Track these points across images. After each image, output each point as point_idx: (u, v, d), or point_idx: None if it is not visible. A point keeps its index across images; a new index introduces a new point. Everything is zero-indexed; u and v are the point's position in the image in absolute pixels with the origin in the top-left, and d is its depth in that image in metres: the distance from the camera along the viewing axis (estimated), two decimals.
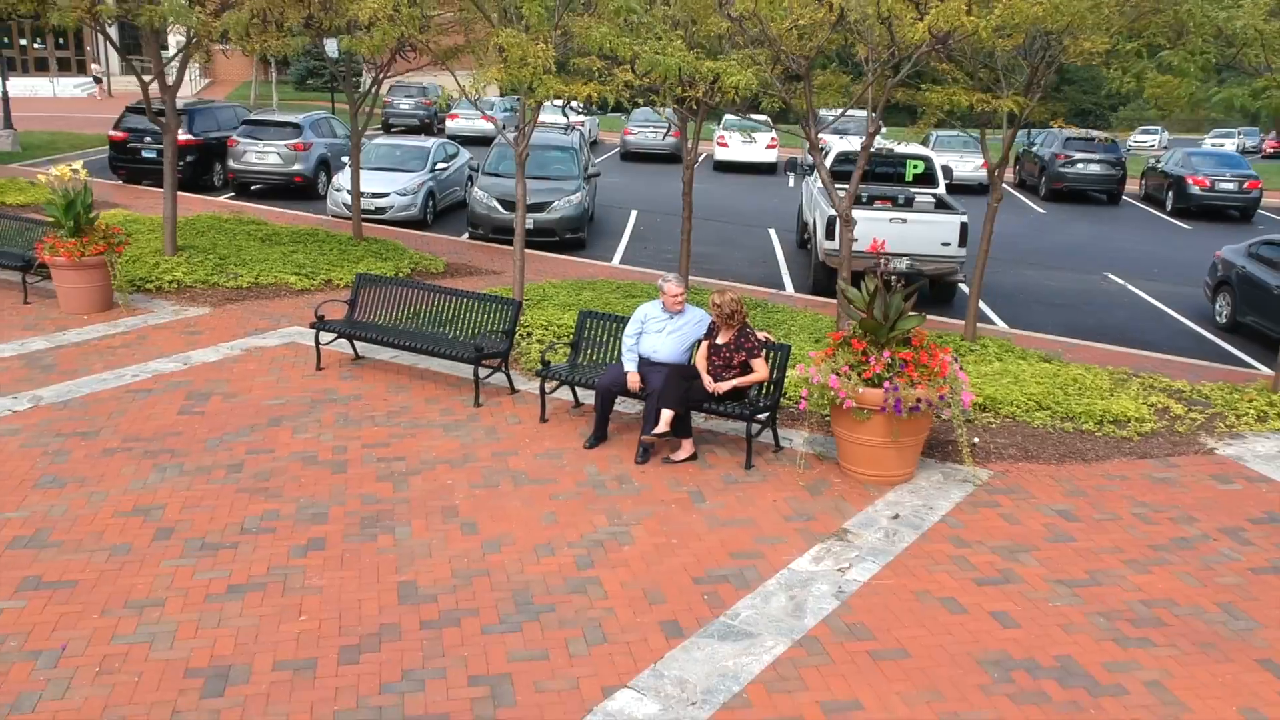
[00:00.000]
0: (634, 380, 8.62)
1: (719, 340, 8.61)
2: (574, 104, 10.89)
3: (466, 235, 19.36)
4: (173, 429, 8.93)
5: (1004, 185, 31.16)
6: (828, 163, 17.60)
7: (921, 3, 8.59)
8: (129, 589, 6.40)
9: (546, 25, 10.17)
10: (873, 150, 15.19)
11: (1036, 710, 5.44)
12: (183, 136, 23.20)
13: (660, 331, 8.74)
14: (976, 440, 9.02)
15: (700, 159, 30.08)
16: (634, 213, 23.11)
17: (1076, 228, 24.60)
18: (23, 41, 53.83)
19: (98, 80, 51.87)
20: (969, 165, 28.40)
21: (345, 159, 23.65)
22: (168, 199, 14.50)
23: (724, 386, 8.42)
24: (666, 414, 8.22)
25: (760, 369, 8.50)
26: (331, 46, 17.40)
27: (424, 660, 5.71)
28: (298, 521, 7.33)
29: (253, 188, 23.20)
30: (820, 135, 10.68)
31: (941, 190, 17.43)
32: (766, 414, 8.63)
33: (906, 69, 9.96)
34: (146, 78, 14.48)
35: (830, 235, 15.27)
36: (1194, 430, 9.62)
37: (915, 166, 17.67)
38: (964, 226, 15.55)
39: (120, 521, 7.26)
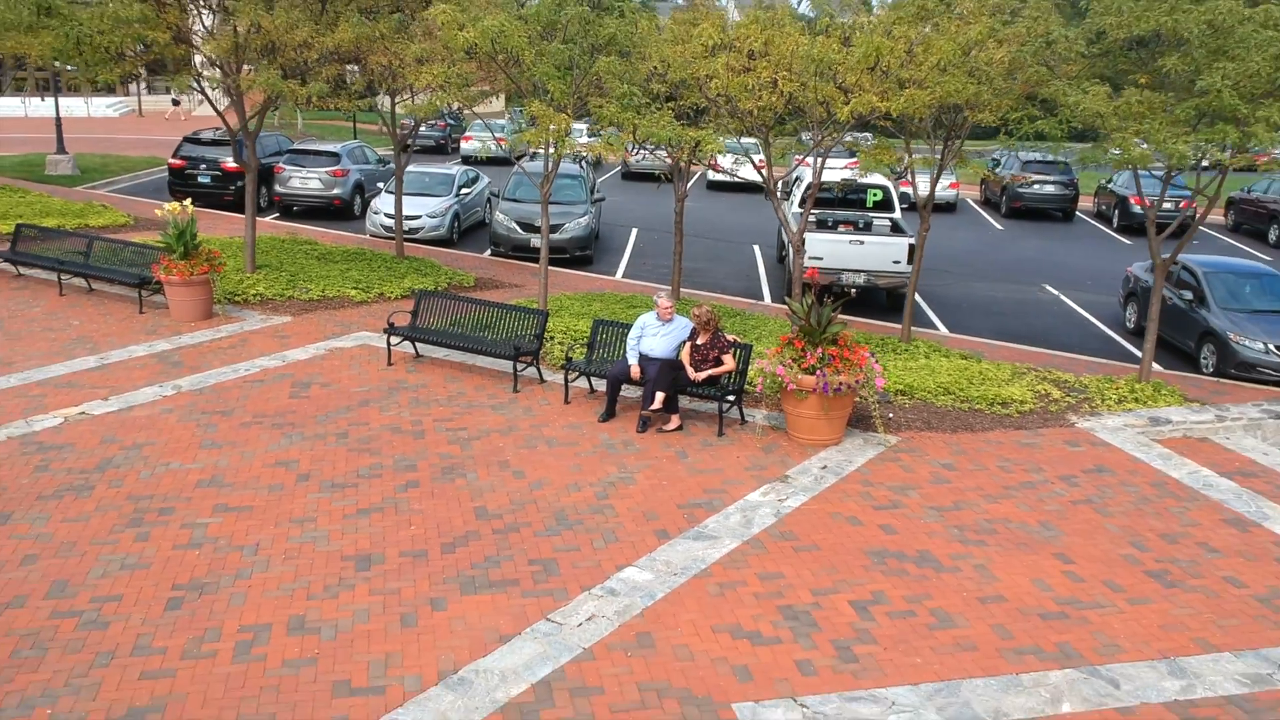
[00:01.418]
0: (635, 371, 11.57)
1: (699, 341, 11.57)
2: (586, 157, 13.85)
3: (489, 252, 22.32)
4: (288, 408, 11.89)
5: (971, 203, 34.09)
6: (799, 191, 20.63)
7: (848, 91, 11.58)
8: (289, 511, 9.35)
9: (568, 100, 13.16)
10: (838, 181, 18.25)
11: (899, 580, 8.39)
12: (232, 163, 26.30)
13: (655, 335, 11.69)
14: (891, 415, 11.98)
15: (695, 177, 32.98)
16: (634, 230, 26.06)
17: (1029, 243, 27.56)
18: (56, 62, 56.68)
19: (175, 103, 55.71)
20: (939, 185, 31.26)
21: (379, 184, 26.77)
22: (249, 226, 17.44)
23: (702, 375, 11.38)
24: (659, 395, 11.18)
25: (729, 362, 11.46)
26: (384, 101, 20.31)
27: (498, 551, 8.66)
28: (396, 470, 10.27)
29: (294, 209, 26.11)
30: (801, 160, 13.60)
31: (897, 214, 20.40)
32: (734, 396, 11.59)
33: (844, 133, 12.94)
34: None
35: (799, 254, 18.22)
36: (1063, 410, 12.57)
37: (875, 194, 20.65)
38: (912, 247, 18.48)
39: (269, 470, 10.21)
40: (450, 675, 6.94)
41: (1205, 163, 12.97)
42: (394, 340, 13.75)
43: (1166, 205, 28.68)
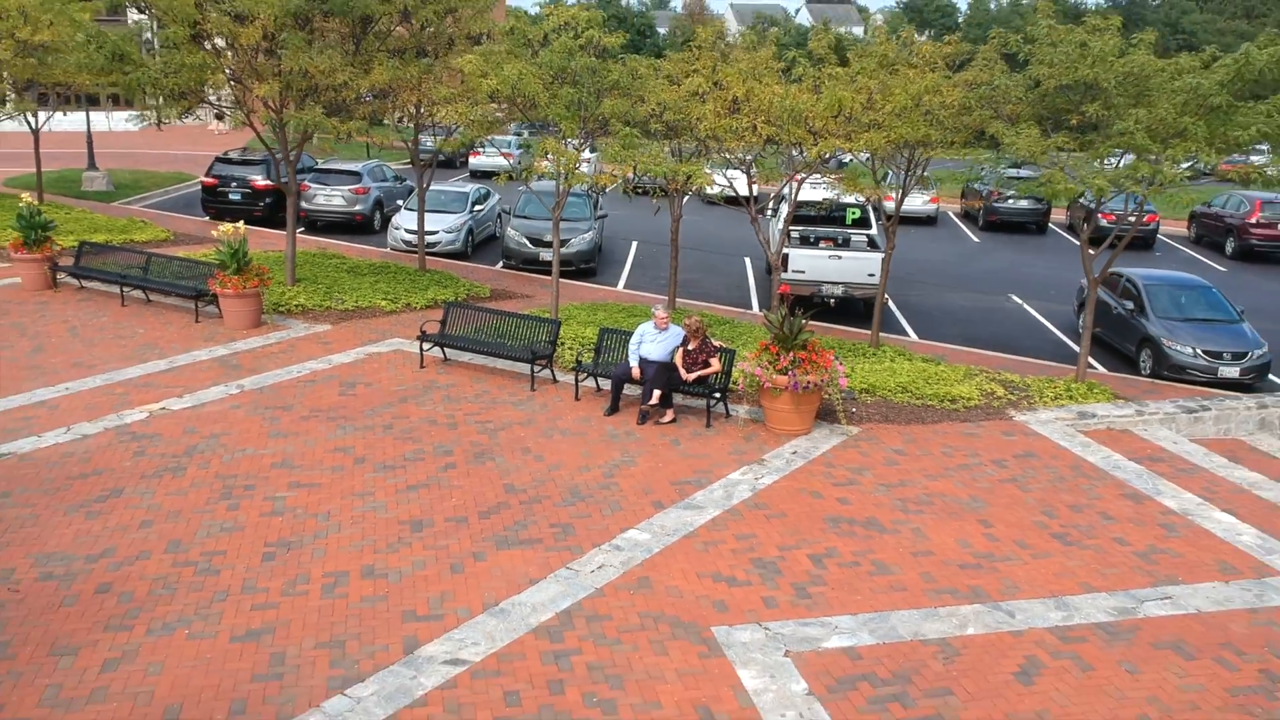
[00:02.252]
0: (635, 372, 13.57)
1: (690, 347, 13.57)
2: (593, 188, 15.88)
3: (500, 265, 24.33)
4: (339, 404, 13.89)
5: (952, 216, 36.04)
6: (792, 205, 22.66)
7: (816, 134, 13.62)
8: (351, 487, 11.34)
9: (577, 136, 15.18)
10: (820, 200, 20.28)
11: (849, 539, 10.38)
12: (261, 181, 28.35)
13: (652, 341, 13.69)
14: (854, 410, 13.98)
15: (690, 193, 34.98)
16: (635, 243, 28.08)
17: (1001, 255, 29.59)
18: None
19: (219, 117, 58.16)
20: (919, 200, 33.33)
21: (399, 201, 28.77)
22: (290, 243, 19.44)
23: (692, 376, 13.39)
24: (656, 393, 13.18)
25: (716, 365, 13.47)
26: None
27: (524, 517, 10.65)
28: (435, 454, 12.27)
29: (318, 224, 28.11)
30: (790, 177, 15.65)
31: (874, 231, 22.41)
32: (720, 393, 13.59)
33: (816, 166, 14.98)
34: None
35: (784, 268, 20.25)
36: (1004, 405, 14.58)
37: (854, 213, 22.67)
38: (884, 261, 20.49)
39: (330, 455, 12.20)
40: (493, 606, 8.94)
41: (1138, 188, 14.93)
42: (426, 346, 15.76)
43: (1129, 218, 30.78)
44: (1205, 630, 9.00)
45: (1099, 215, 31.45)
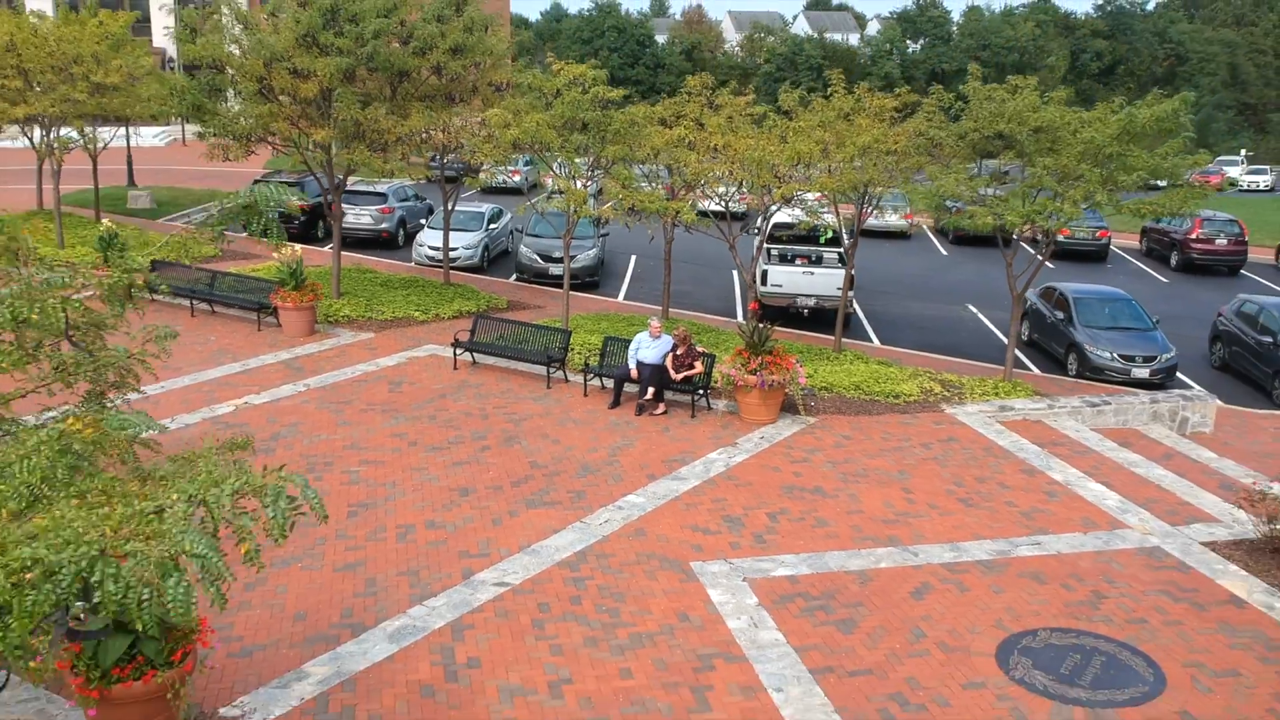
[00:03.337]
0: (634, 373, 16.58)
1: (678, 352, 16.59)
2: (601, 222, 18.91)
3: (514, 278, 27.34)
4: (389, 400, 16.90)
5: (926, 230, 38.91)
6: (768, 228, 25.68)
7: (781, 178, 16.65)
8: (409, 464, 14.35)
9: (585, 177, 18.22)
10: (795, 222, 23.25)
11: (798, 502, 13.39)
12: (295, 200, 31.33)
13: (647, 348, 16.69)
14: (812, 403, 17.00)
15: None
16: (633, 257, 31.09)
17: (967, 267, 32.60)
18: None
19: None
20: (894, 216, 36.33)
21: (422, 220, 31.79)
22: (335, 261, 22.46)
23: (680, 376, 16.40)
24: (650, 390, 16.20)
25: (699, 367, 16.49)
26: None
27: (546, 486, 13.67)
28: (473, 439, 15.28)
29: (347, 240, 31.07)
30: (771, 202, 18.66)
31: (844, 249, 25.39)
32: (703, 390, 16.61)
33: (782, 203, 18.03)
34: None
35: (764, 283, 23.27)
36: (938, 400, 17.59)
37: (826, 233, 25.67)
38: (853, 277, 23.50)
39: (389, 439, 15.21)
40: (526, 548, 11.95)
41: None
42: (459, 351, 18.77)
43: (1082, 234, 33.83)
44: (1059, 565, 12.01)
45: (1057, 232, 34.57)
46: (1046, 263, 34.60)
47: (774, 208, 19.02)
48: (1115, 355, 20.45)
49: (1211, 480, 15.06)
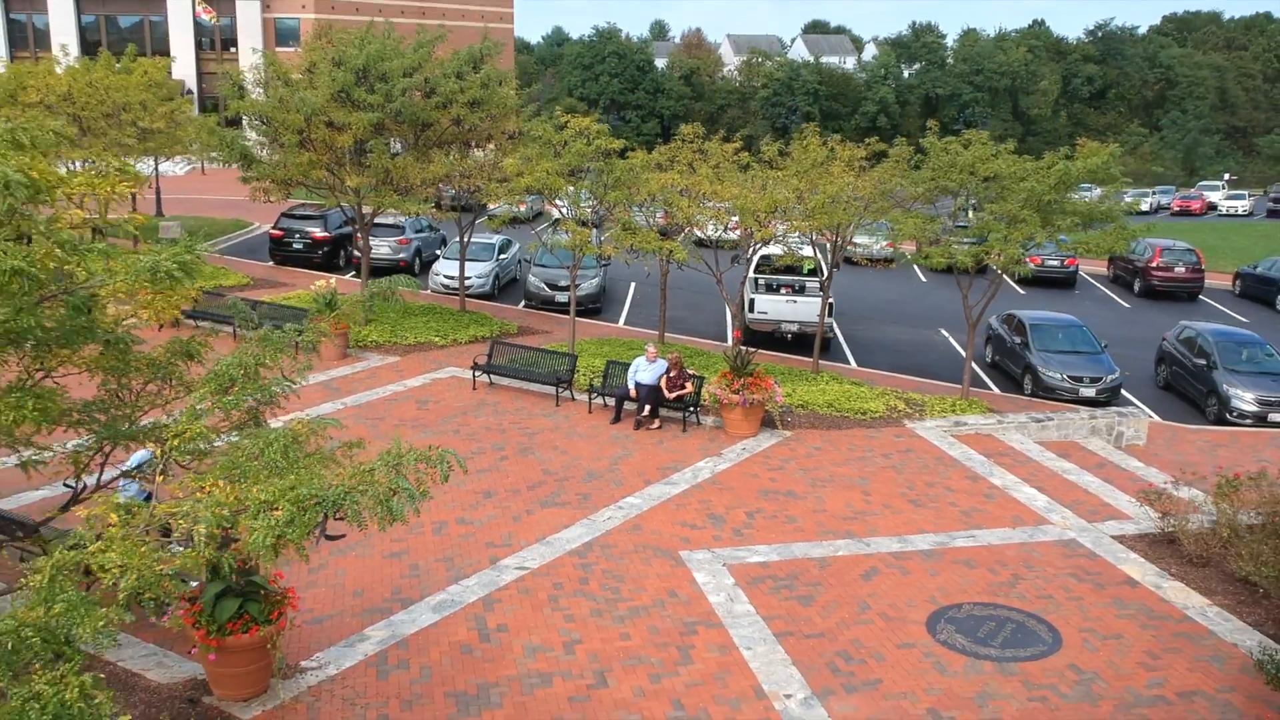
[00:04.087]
0: (632, 392, 18.95)
1: (671, 374, 18.96)
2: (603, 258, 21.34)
3: (522, 304, 29.74)
4: (418, 417, 19.25)
5: (910, 258, 40.90)
6: (755, 260, 28.08)
7: (761, 223, 19.07)
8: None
9: (589, 217, 20.66)
10: (779, 254, 25.59)
11: (773, 503, 15.73)
12: (319, 233, 33.82)
13: (644, 370, 19.05)
14: (789, 419, 19.36)
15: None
16: (633, 285, 33.50)
17: (943, 294, 34.98)
18: None
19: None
20: (877, 244, 38.65)
21: (437, 251, 34.22)
22: (364, 290, 24.82)
23: (673, 395, 18.78)
24: (647, 407, 18.58)
25: (690, 387, 18.86)
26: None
27: (558, 490, 16.01)
28: (493, 450, 17.62)
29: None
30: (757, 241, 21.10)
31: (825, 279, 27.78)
32: (693, 407, 18.98)
33: (761, 243, 20.46)
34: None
35: (751, 310, 25.66)
36: (901, 416, 19.94)
37: (809, 264, 28.08)
38: (831, 305, 25.89)
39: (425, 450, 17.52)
40: (542, 540, 14.28)
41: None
42: (477, 373, 21.15)
43: (1053, 262, 36.27)
44: (988, 553, 14.35)
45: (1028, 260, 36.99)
46: (1018, 289, 37.20)
47: (756, 245, 21.44)
48: (1065, 376, 22.81)
49: (1134, 486, 17.38)
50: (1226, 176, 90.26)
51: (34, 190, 7.75)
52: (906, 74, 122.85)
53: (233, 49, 65.84)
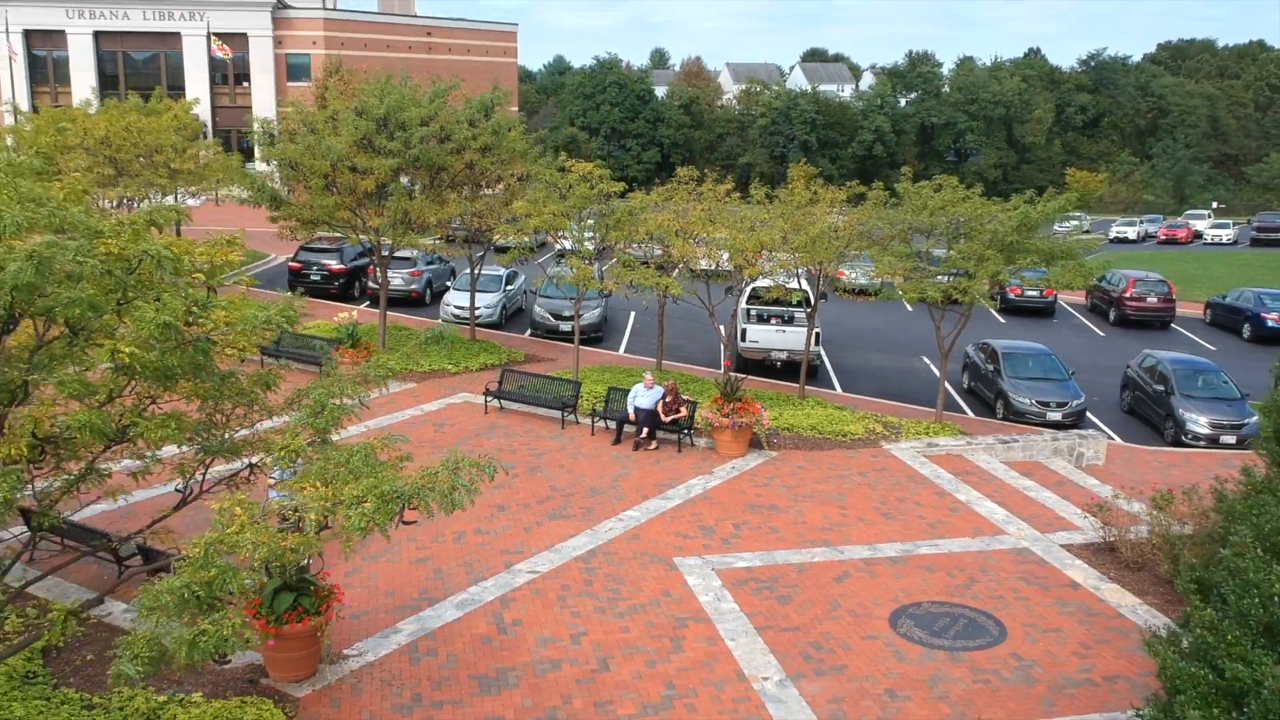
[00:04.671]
0: (632, 416, 20.73)
1: (667, 399, 20.75)
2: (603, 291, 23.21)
3: (529, 333, 31.57)
4: (435, 438, 21.03)
5: (895, 287, 42.70)
6: (747, 291, 29.91)
7: (750, 261, 20.93)
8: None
9: (592, 255, 22.53)
10: (769, 286, 27.33)
11: (758, 515, 17.49)
12: (335, 265, 35.70)
13: (643, 396, 20.84)
14: (775, 440, 21.13)
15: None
16: (633, 314, 35.34)
17: (925, 324, 36.38)
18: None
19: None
20: (863, 277, 40.50)
21: (447, 282, 36.09)
22: (382, 320, 26.67)
23: (669, 419, 20.57)
24: (645, 430, 20.37)
25: (684, 412, 20.66)
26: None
27: (564, 503, 17.76)
28: (504, 469, 19.35)
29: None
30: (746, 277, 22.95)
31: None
32: (687, 430, 20.76)
33: (750, 280, 22.31)
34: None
35: (743, 339, 27.47)
36: (878, 438, 21.71)
37: (797, 296, 29.91)
38: (818, 334, 27.69)
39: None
40: (550, 548, 16.03)
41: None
42: (489, 399, 22.95)
43: (1032, 292, 38.08)
44: (948, 559, 16.09)
45: (1009, 289, 38.88)
46: (999, 318, 39.03)
47: (747, 280, 23.30)
48: (1034, 401, 24.58)
49: (1087, 501, 19.13)
50: (1214, 205, 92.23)
51: (177, 264, 9.61)
52: (903, 103, 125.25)
53: (245, 84, 67.93)
